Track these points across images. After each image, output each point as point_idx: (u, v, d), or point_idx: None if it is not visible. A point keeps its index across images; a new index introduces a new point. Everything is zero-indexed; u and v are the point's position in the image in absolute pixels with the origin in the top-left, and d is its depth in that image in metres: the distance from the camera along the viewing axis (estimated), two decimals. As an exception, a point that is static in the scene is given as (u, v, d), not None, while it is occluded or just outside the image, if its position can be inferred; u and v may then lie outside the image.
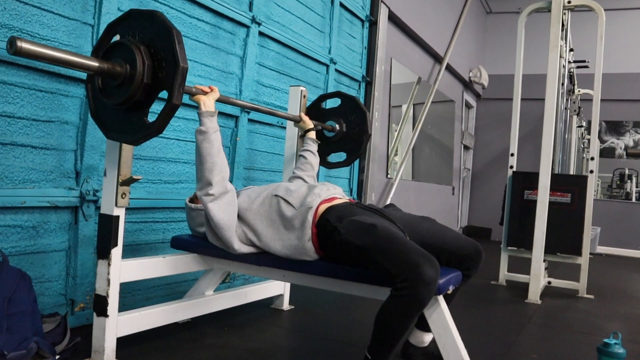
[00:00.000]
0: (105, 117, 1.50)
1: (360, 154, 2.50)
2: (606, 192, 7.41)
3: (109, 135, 1.49)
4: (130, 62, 1.36)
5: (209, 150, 1.65)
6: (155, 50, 1.37)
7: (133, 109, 1.41)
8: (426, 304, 1.42)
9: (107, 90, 1.44)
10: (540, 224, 3.31)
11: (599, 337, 2.36)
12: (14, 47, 1.15)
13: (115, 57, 1.40)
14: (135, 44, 1.37)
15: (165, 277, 2.34)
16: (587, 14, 5.03)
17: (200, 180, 1.68)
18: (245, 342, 2.05)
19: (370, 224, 1.54)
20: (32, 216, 1.84)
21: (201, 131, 1.66)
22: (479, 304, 3.14)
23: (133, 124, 1.42)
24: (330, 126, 2.50)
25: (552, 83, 3.37)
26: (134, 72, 1.35)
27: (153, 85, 1.37)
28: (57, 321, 1.69)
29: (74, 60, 1.30)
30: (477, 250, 1.71)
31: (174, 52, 1.32)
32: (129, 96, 1.37)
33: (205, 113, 1.69)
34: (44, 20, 1.83)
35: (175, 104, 1.32)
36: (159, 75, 1.36)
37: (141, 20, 1.41)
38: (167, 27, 1.34)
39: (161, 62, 1.36)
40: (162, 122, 1.35)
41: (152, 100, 1.39)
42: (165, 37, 1.34)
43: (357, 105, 2.48)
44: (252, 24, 2.79)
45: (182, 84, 1.32)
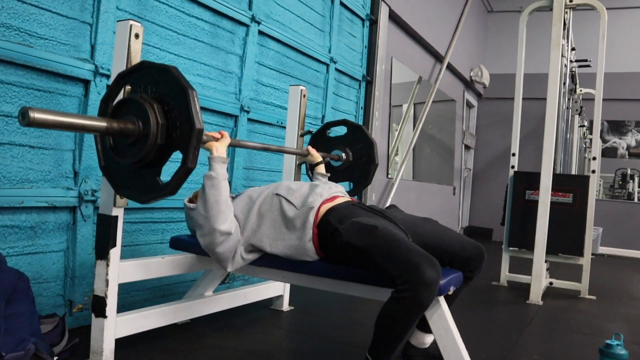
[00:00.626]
0: (116, 173, 1.45)
1: (367, 183, 2.46)
2: (608, 192, 7.41)
3: (121, 192, 1.45)
4: (143, 119, 1.31)
5: (216, 197, 1.57)
6: (169, 107, 1.31)
7: (145, 167, 1.36)
8: (427, 305, 1.42)
9: (119, 149, 1.39)
10: (541, 225, 3.31)
11: (601, 338, 2.36)
12: (27, 119, 1.10)
13: (126, 113, 1.34)
14: (149, 100, 1.32)
15: (164, 278, 2.34)
16: (588, 13, 5.03)
17: (202, 227, 1.59)
18: (245, 343, 2.05)
19: (372, 226, 1.54)
20: (30, 216, 1.84)
21: (210, 177, 1.59)
22: (480, 304, 3.14)
23: (145, 183, 1.37)
24: (337, 155, 2.47)
25: (554, 82, 3.37)
26: (147, 132, 1.30)
27: (167, 146, 1.32)
28: (56, 322, 1.69)
29: (87, 124, 1.26)
30: (480, 251, 1.70)
31: (190, 114, 1.26)
32: (142, 156, 1.32)
33: (217, 158, 1.62)
34: (42, 19, 1.83)
35: (190, 167, 1.28)
36: (173, 136, 1.31)
37: (154, 74, 1.36)
38: (182, 86, 1.28)
39: (175, 121, 1.30)
40: (176, 185, 1.31)
41: (165, 160, 1.34)
42: (180, 96, 1.29)
43: (364, 134, 2.45)
44: (252, 22, 2.79)
45: (197, 147, 1.28)
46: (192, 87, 1.29)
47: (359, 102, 4.08)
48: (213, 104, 2.56)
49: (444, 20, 5.99)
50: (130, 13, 2.13)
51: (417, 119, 5.41)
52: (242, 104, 2.76)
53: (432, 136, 6.25)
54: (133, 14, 2.15)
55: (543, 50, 3.93)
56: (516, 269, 3.82)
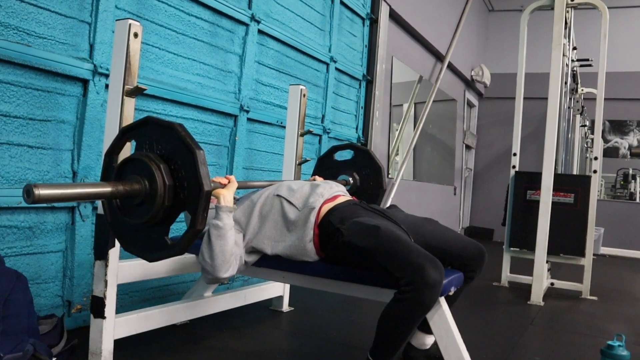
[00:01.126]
0: (123, 230, 1.43)
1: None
2: (610, 193, 7.41)
3: (128, 249, 1.44)
4: (149, 179, 1.29)
5: (222, 247, 1.56)
6: (175, 167, 1.29)
7: (153, 226, 1.35)
8: (430, 307, 1.42)
9: (126, 209, 1.37)
10: (543, 225, 3.31)
11: (603, 339, 2.36)
12: (32, 197, 1.07)
13: (131, 172, 1.32)
14: (155, 161, 1.29)
15: (164, 278, 2.34)
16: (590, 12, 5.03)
17: (207, 273, 1.60)
18: (245, 344, 2.04)
19: (374, 226, 1.54)
20: (29, 216, 1.84)
21: (217, 226, 1.57)
22: (481, 305, 3.15)
23: (154, 242, 1.36)
24: (344, 180, 2.43)
25: (555, 82, 3.37)
26: (154, 193, 1.28)
27: (174, 207, 1.31)
28: (54, 323, 1.69)
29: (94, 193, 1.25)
30: (481, 252, 1.70)
31: (198, 176, 1.24)
32: (150, 217, 1.31)
33: (224, 208, 1.60)
34: (41, 18, 1.83)
35: (199, 229, 1.27)
36: (181, 196, 1.30)
37: (159, 132, 1.33)
38: (189, 146, 1.25)
39: (183, 181, 1.29)
40: (185, 246, 1.30)
41: (173, 220, 1.33)
42: (187, 156, 1.26)
43: (372, 158, 2.42)
44: (252, 22, 2.79)
45: (206, 209, 1.26)
46: (199, 147, 1.26)
47: (359, 101, 4.08)
48: (212, 103, 2.56)
49: (444, 19, 5.99)
50: (129, 12, 2.13)
51: (418, 118, 5.41)
52: (242, 104, 2.76)
53: (433, 136, 6.25)
54: (132, 13, 2.15)
55: (544, 49, 3.93)
56: (517, 270, 3.82)
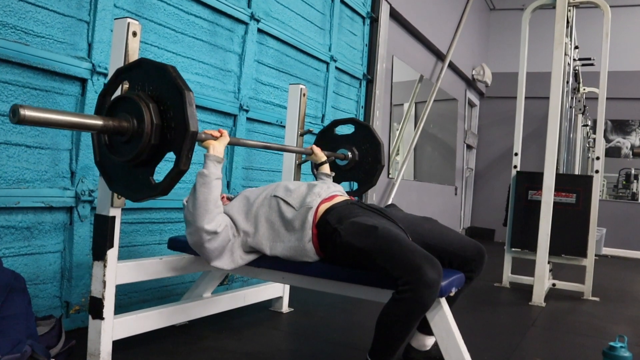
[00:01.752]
0: (109, 168, 1.47)
1: (372, 184, 2.45)
2: (612, 193, 7.41)
3: (113, 187, 1.48)
4: (137, 118, 1.32)
5: (206, 196, 1.59)
6: (164, 107, 1.32)
7: (139, 166, 1.38)
8: (429, 306, 1.42)
9: (113, 146, 1.41)
10: (544, 225, 3.31)
11: (605, 340, 2.36)
12: (17, 116, 1.10)
13: (122, 111, 1.36)
14: (145, 100, 1.33)
15: (162, 279, 2.34)
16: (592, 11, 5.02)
17: (189, 225, 1.61)
18: (244, 345, 2.05)
19: (372, 226, 1.54)
20: (26, 217, 1.84)
21: (203, 174, 1.60)
22: (482, 306, 3.15)
23: (138, 182, 1.39)
24: (343, 154, 2.46)
25: (557, 81, 3.37)
26: (141, 130, 1.32)
27: (161, 147, 1.34)
28: (52, 324, 1.69)
29: (80, 122, 1.28)
30: (480, 251, 1.71)
31: (185, 116, 1.27)
32: (135, 155, 1.34)
33: (212, 157, 1.63)
34: (39, 17, 1.83)
35: (182, 169, 1.29)
36: (168, 136, 1.32)
37: (152, 73, 1.36)
38: (179, 86, 1.29)
39: (170, 122, 1.32)
40: (169, 185, 1.32)
41: (159, 160, 1.36)
42: (176, 96, 1.30)
43: (372, 134, 2.44)
44: (251, 20, 2.79)
45: (191, 150, 1.29)
46: (188, 88, 1.30)
47: (359, 101, 4.08)
48: (212, 103, 2.56)
49: (445, 18, 5.99)
50: (127, 11, 2.13)
51: (419, 118, 5.42)
52: (241, 103, 2.76)
53: (434, 135, 6.25)
54: (131, 12, 2.15)
55: (546, 48, 3.93)
56: (518, 270, 3.82)
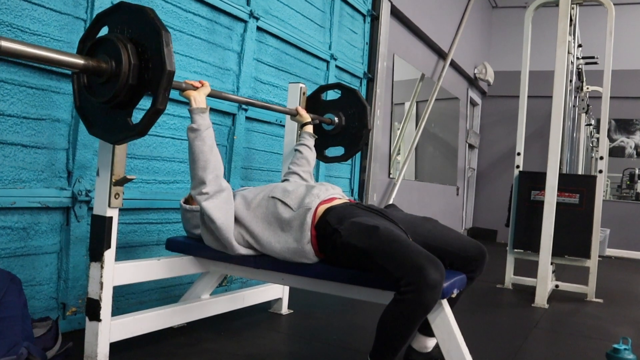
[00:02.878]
0: (89, 112, 1.51)
1: (359, 149, 2.50)
2: (616, 193, 7.41)
3: (92, 131, 1.51)
4: (115, 59, 1.35)
5: (201, 148, 1.65)
6: (142, 49, 1.35)
7: (117, 108, 1.41)
8: (431, 308, 1.42)
9: (92, 87, 1.44)
10: (547, 226, 3.31)
11: (608, 342, 2.36)
12: None
13: (101, 52, 1.39)
14: (123, 41, 1.36)
15: (160, 280, 2.34)
16: (596, 9, 5.03)
17: (193, 179, 1.69)
18: (243, 347, 2.05)
19: (372, 226, 1.54)
20: (23, 217, 1.84)
21: (193, 129, 1.66)
22: (484, 308, 3.15)
23: (116, 123, 1.42)
24: (329, 119, 2.49)
25: (560, 80, 3.37)
26: (119, 71, 1.34)
27: (138, 87, 1.37)
28: (49, 326, 1.69)
29: (58, 59, 1.30)
30: (481, 251, 1.71)
31: (162, 55, 1.30)
32: (113, 95, 1.36)
33: (196, 110, 1.68)
34: (35, 15, 1.83)
35: (159, 108, 1.32)
36: (145, 77, 1.35)
37: (130, 15, 1.40)
38: (156, 27, 1.32)
39: (148, 62, 1.34)
40: (146, 126, 1.35)
41: (137, 101, 1.39)
42: (153, 37, 1.33)
43: (358, 98, 2.47)
44: (250, 18, 2.79)
45: (167, 89, 1.32)
46: (166, 29, 1.33)
47: (360, 100, 4.07)
48: (210, 101, 2.55)
49: (447, 16, 6.00)
50: (125, 8, 2.13)
51: (420, 117, 5.42)
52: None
53: (435, 135, 6.25)
54: (128, 10, 2.14)
55: (549, 47, 3.93)
56: (521, 271, 3.82)
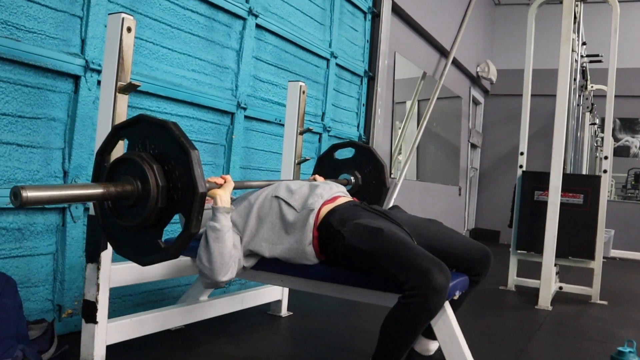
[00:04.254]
0: (116, 233, 1.43)
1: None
2: (620, 193, 7.41)
3: (120, 252, 1.44)
4: (142, 180, 1.29)
5: (221, 250, 1.57)
6: (169, 167, 1.29)
7: (146, 229, 1.35)
8: (436, 312, 1.42)
9: (118, 210, 1.37)
10: (551, 227, 3.31)
11: (613, 345, 2.36)
12: (20, 199, 1.06)
13: (124, 173, 1.32)
14: (148, 161, 1.29)
15: (158, 282, 2.34)
16: (600, 6, 5.03)
17: (205, 277, 1.60)
18: (242, 350, 2.05)
19: (377, 228, 1.54)
20: (18, 218, 1.84)
21: (215, 228, 1.57)
22: (487, 310, 3.15)
23: (147, 245, 1.36)
24: (346, 180, 2.43)
25: (564, 78, 3.37)
26: (147, 194, 1.28)
27: (168, 209, 1.31)
28: (44, 328, 1.69)
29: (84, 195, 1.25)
30: (486, 254, 1.70)
31: (192, 177, 1.24)
32: (142, 219, 1.30)
33: (221, 209, 1.60)
34: (31, 12, 1.83)
35: (193, 232, 1.27)
36: (175, 198, 1.29)
37: (152, 129, 1.33)
38: (183, 146, 1.25)
39: (177, 182, 1.28)
40: (179, 249, 1.30)
41: (166, 222, 1.33)
42: (181, 156, 1.26)
43: (373, 155, 2.42)
44: (249, 16, 2.79)
45: (200, 212, 1.26)
46: (193, 146, 1.26)
47: (360, 98, 4.08)
48: (208, 100, 2.56)
49: (449, 14, 5.99)
50: (122, 6, 2.13)
51: (422, 116, 5.42)
52: (239, 101, 2.76)
53: (437, 134, 6.25)
54: (125, 7, 2.15)
55: (552, 44, 3.93)
56: (524, 273, 3.82)
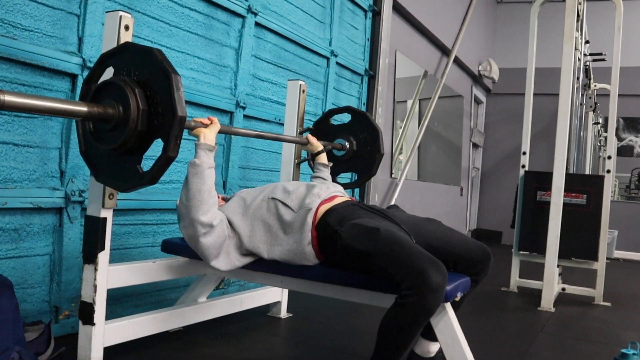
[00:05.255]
0: (96, 158, 1.47)
1: (372, 174, 2.45)
2: (624, 193, 7.41)
3: (99, 178, 1.48)
4: (123, 104, 1.32)
5: (199, 186, 1.58)
6: (151, 92, 1.32)
7: (126, 154, 1.38)
8: (433, 311, 1.42)
9: (98, 133, 1.41)
10: (553, 227, 3.31)
11: (616, 347, 2.36)
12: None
13: (107, 97, 1.36)
14: (130, 85, 1.33)
15: (156, 283, 2.34)
16: (604, 4, 5.04)
17: (183, 218, 1.60)
18: (241, 352, 2.05)
19: (374, 228, 1.54)
20: (14, 218, 1.84)
21: (194, 164, 1.59)
22: (489, 311, 3.15)
23: (125, 171, 1.39)
24: (340, 144, 2.46)
25: (567, 77, 3.37)
26: (127, 117, 1.31)
27: (148, 133, 1.34)
28: (41, 330, 1.69)
29: (62, 108, 1.27)
30: (486, 253, 1.70)
31: (172, 100, 1.27)
32: (122, 142, 1.34)
33: (203, 145, 1.62)
34: (27, 10, 1.83)
35: (170, 156, 1.29)
36: (155, 122, 1.33)
37: (137, 57, 1.37)
38: (165, 69, 1.29)
39: (157, 107, 1.32)
40: (156, 174, 1.33)
41: (146, 148, 1.36)
42: (162, 80, 1.30)
43: (369, 121, 2.45)
44: (248, 14, 2.79)
45: (179, 135, 1.29)
46: (175, 71, 1.30)
47: (361, 97, 4.08)
48: (207, 99, 2.56)
49: (450, 12, 5.99)
50: (119, 4, 2.13)
51: (423, 115, 5.42)
52: (238, 100, 2.76)
53: (438, 134, 6.26)
54: (123, 5, 2.15)
55: (555, 43, 3.93)
56: (527, 274, 3.82)
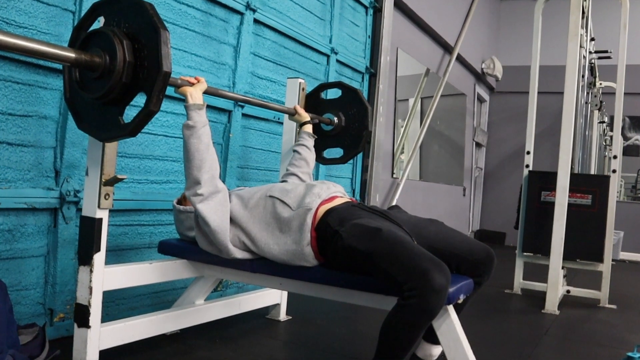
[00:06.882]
0: (79, 106, 1.51)
1: (358, 151, 2.51)
2: (630, 194, 7.41)
3: (81, 126, 1.52)
4: (110, 54, 1.35)
5: (197, 146, 1.66)
6: (139, 46, 1.35)
7: (109, 105, 1.42)
8: (436, 313, 1.42)
9: (84, 82, 1.45)
10: (558, 228, 3.31)
11: (622, 350, 2.36)
12: None
13: (95, 46, 1.39)
14: (119, 36, 1.36)
15: (152, 285, 2.34)
16: (609, 1, 5.04)
17: (188, 178, 1.69)
18: (239, 355, 2.05)
19: (375, 228, 1.54)
20: (8, 218, 1.84)
21: (188, 126, 1.67)
22: (492, 314, 3.15)
23: (107, 121, 1.43)
24: (328, 119, 2.50)
25: (572, 75, 3.37)
26: (113, 67, 1.35)
27: (132, 86, 1.37)
28: (35, 332, 1.69)
29: (51, 52, 1.30)
30: (489, 255, 1.70)
31: (159, 55, 1.30)
32: (105, 92, 1.37)
33: (192, 106, 1.69)
34: (21, 6, 1.83)
35: (152, 110, 1.33)
36: (140, 75, 1.36)
37: (129, 8, 1.39)
38: (155, 24, 1.32)
39: (144, 60, 1.35)
40: (137, 126, 1.36)
41: (129, 100, 1.39)
42: (151, 34, 1.33)
43: (359, 98, 2.48)
44: (247, 10, 2.79)
45: (162, 91, 1.33)
46: (165, 27, 1.33)
47: (361, 96, 4.08)
48: (205, 98, 2.55)
49: (453, 8, 6.00)
50: (115, 0, 2.13)
51: (425, 114, 5.42)
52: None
53: (441, 133, 6.26)
54: (119, 1, 2.15)
55: (560, 40, 3.93)
56: (531, 276, 3.82)
